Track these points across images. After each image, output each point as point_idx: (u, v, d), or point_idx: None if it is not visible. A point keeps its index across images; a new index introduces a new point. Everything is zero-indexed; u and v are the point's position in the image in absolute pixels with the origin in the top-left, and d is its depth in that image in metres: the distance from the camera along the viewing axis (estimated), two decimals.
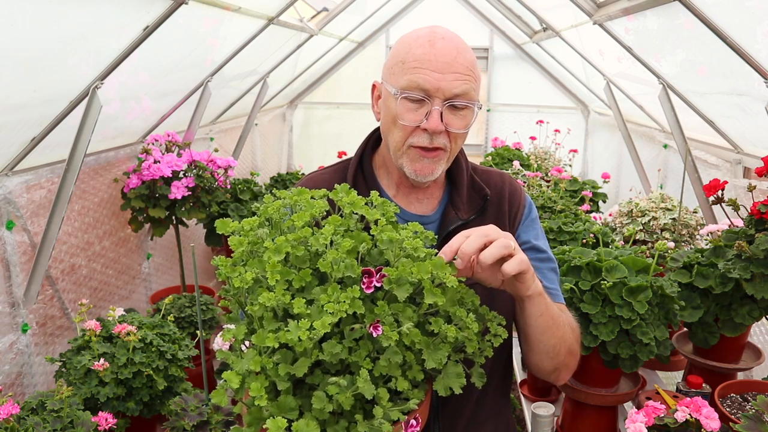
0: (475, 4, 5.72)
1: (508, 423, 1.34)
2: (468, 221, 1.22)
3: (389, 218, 0.99)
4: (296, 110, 6.10)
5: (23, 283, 2.22)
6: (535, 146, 4.58)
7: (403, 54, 1.14)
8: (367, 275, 0.89)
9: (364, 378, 0.82)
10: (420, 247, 0.92)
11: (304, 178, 1.31)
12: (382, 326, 0.85)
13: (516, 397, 3.40)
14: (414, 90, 1.11)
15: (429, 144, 1.14)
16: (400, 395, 0.90)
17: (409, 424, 0.86)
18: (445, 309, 0.93)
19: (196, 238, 3.76)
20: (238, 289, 0.91)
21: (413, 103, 1.12)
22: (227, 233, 0.97)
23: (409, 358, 0.89)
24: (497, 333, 0.99)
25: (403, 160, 1.17)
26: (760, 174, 1.61)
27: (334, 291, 0.86)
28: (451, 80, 1.10)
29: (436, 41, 1.12)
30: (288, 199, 1.01)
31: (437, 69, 1.10)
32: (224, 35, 3.00)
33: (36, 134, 2.14)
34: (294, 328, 0.82)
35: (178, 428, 1.72)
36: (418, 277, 0.88)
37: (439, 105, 1.11)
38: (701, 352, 1.72)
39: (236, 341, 0.89)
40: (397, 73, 1.14)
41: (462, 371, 0.94)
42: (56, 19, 1.75)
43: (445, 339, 0.90)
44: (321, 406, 0.81)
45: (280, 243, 0.90)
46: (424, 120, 1.12)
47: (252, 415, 0.86)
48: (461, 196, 1.24)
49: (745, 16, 1.96)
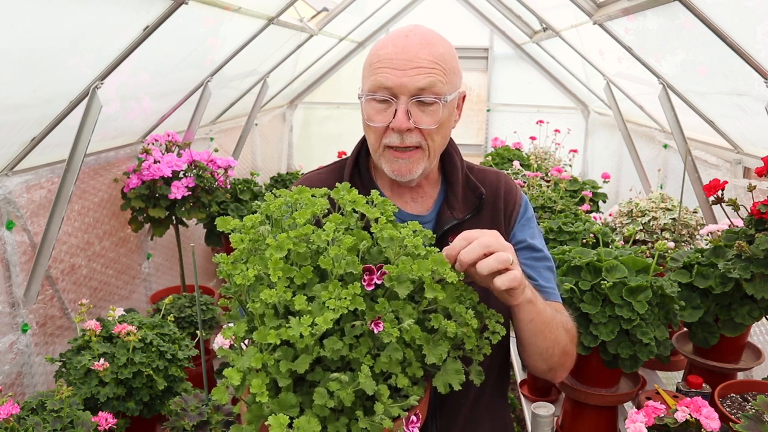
0: (475, 4, 5.72)
1: (505, 422, 1.35)
2: (463, 220, 1.22)
3: (388, 217, 0.99)
4: (296, 110, 6.10)
5: (23, 283, 2.22)
6: (535, 146, 4.58)
7: (371, 57, 1.15)
8: (368, 272, 0.90)
9: (366, 374, 0.82)
10: (420, 245, 0.93)
11: (302, 178, 1.32)
12: (383, 323, 0.86)
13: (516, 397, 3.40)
14: (378, 90, 1.11)
15: (400, 143, 1.14)
16: (399, 392, 0.91)
17: (410, 421, 0.86)
18: (444, 306, 0.93)
19: (196, 238, 3.76)
20: (239, 287, 0.91)
21: (380, 103, 1.13)
22: (228, 231, 0.97)
23: (408, 355, 0.90)
24: (495, 330, 0.99)
25: (381, 162, 1.18)
26: (760, 174, 1.61)
27: (335, 288, 0.86)
28: (413, 75, 1.09)
29: (400, 39, 1.12)
30: (289, 198, 1.01)
31: (399, 66, 1.10)
32: (224, 35, 3.00)
33: (36, 134, 2.14)
34: (295, 324, 0.83)
35: (178, 428, 1.72)
36: (418, 275, 0.89)
37: (405, 102, 1.10)
38: (701, 352, 1.72)
39: (237, 339, 0.89)
40: (365, 76, 1.15)
41: (461, 368, 0.94)
42: (56, 19, 1.75)
43: (444, 335, 0.91)
44: (322, 402, 0.82)
45: (282, 240, 0.90)
46: (392, 119, 1.12)
47: (252, 412, 0.86)
48: (456, 195, 1.24)
49: (745, 16, 1.96)
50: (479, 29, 5.81)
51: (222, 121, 4.28)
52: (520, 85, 5.85)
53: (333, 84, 6.05)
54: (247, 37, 3.18)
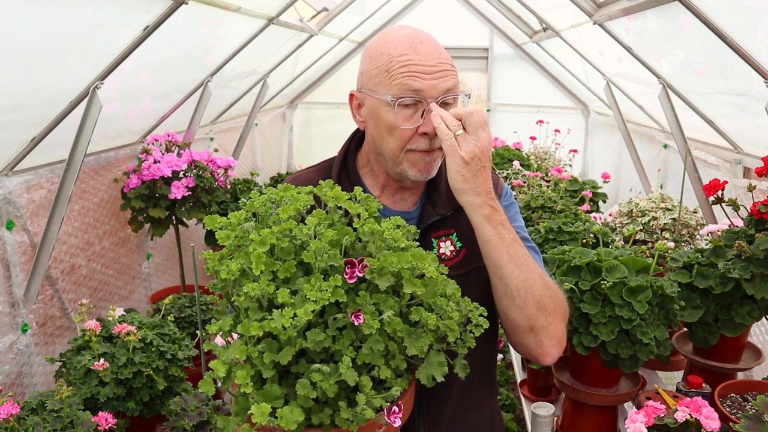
0: (475, 4, 5.72)
1: (492, 410, 1.36)
2: (445, 216, 1.24)
3: (372, 213, 1.01)
4: (296, 110, 6.10)
5: (23, 283, 2.22)
6: (535, 146, 4.58)
7: (385, 63, 1.15)
8: (350, 266, 0.92)
9: (347, 365, 0.84)
10: (400, 238, 0.95)
11: (289, 177, 1.34)
12: (364, 315, 0.87)
13: (516, 397, 3.41)
14: (407, 94, 1.13)
15: (429, 148, 1.16)
16: (383, 384, 0.92)
17: (392, 411, 0.88)
18: (426, 299, 0.94)
19: (196, 238, 3.76)
20: (224, 281, 0.94)
21: (407, 108, 1.14)
22: (215, 229, 0.98)
23: (392, 347, 0.91)
24: (478, 323, 0.99)
25: (403, 166, 1.18)
26: (760, 174, 1.61)
27: (317, 281, 0.88)
28: (440, 77, 1.13)
29: (418, 45, 1.15)
30: (274, 195, 1.03)
31: (427, 71, 1.13)
32: (224, 35, 3.00)
33: (36, 134, 2.14)
34: (278, 316, 0.85)
35: (178, 428, 1.72)
36: (398, 267, 0.90)
37: (434, 103, 1.13)
38: (701, 352, 1.72)
39: (223, 333, 0.91)
40: (384, 81, 1.15)
41: (444, 360, 0.95)
42: (56, 19, 1.75)
43: (426, 327, 0.92)
44: (305, 392, 0.83)
45: (265, 235, 0.92)
46: (420, 121, 1.13)
47: (239, 404, 0.88)
48: (440, 192, 1.26)
49: (745, 16, 1.96)
50: (479, 29, 5.80)
51: (222, 121, 4.28)
52: (520, 85, 5.85)
53: (333, 84, 6.04)
54: (247, 37, 3.18)
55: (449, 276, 1.00)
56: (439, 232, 1.24)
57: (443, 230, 1.25)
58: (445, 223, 1.25)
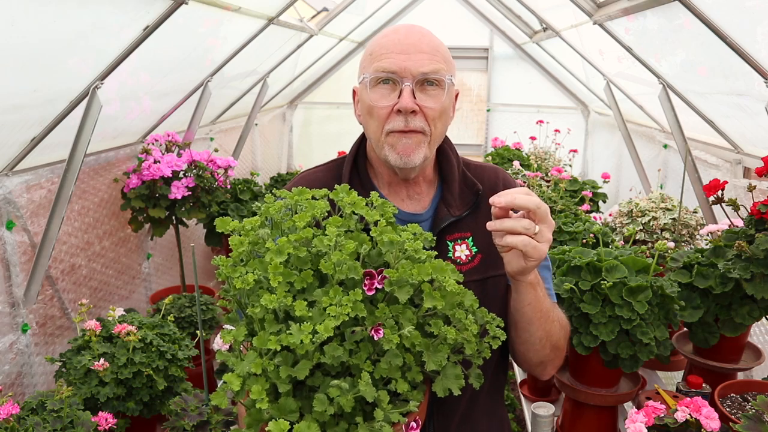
0: (475, 4, 5.72)
1: (502, 419, 1.35)
2: (460, 217, 1.22)
3: (388, 219, 0.99)
4: (296, 110, 6.10)
5: (23, 283, 2.22)
6: (535, 146, 4.58)
7: (371, 47, 1.18)
8: (369, 277, 0.89)
9: (366, 381, 0.82)
10: (420, 249, 0.92)
11: (297, 176, 1.31)
12: (383, 329, 0.85)
13: (516, 397, 3.40)
14: (381, 73, 1.14)
15: (405, 127, 1.14)
16: (399, 396, 0.90)
17: (410, 426, 0.86)
18: (444, 311, 0.93)
19: (196, 238, 3.76)
20: (238, 290, 0.91)
21: (383, 86, 1.15)
22: (227, 232, 0.97)
23: (408, 360, 0.89)
24: (496, 335, 0.98)
25: (385, 150, 1.17)
26: (760, 174, 1.61)
27: (336, 293, 0.85)
28: (417, 59, 1.13)
29: (400, 29, 1.17)
30: (289, 199, 1.01)
31: (403, 51, 1.13)
32: (224, 35, 3.00)
33: (36, 134, 2.14)
34: (296, 331, 0.82)
35: (178, 428, 1.72)
36: (418, 279, 0.88)
37: (410, 83, 1.13)
38: (701, 352, 1.72)
39: (236, 342, 0.89)
40: (366, 65, 1.18)
41: (461, 372, 0.94)
42: (56, 19, 1.75)
43: (444, 340, 0.90)
44: (322, 408, 0.81)
45: (282, 244, 0.89)
46: (397, 100, 1.13)
47: (252, 416, 0.86)
48: (453, 193, 1.24)
49: (745, 16, 1.96)
50: (479, 29, 5.81)
51: (222, 121, 4.28)
52: (520, 85, 5.85)
53: (333, 84, 6.04)
54: (247, 37, 3.18)
55: (465, 282, 0.99)
56: (454, 235, 1.22)
57: (459, 233, 1.22)
58: (460, 226, 1.23)
